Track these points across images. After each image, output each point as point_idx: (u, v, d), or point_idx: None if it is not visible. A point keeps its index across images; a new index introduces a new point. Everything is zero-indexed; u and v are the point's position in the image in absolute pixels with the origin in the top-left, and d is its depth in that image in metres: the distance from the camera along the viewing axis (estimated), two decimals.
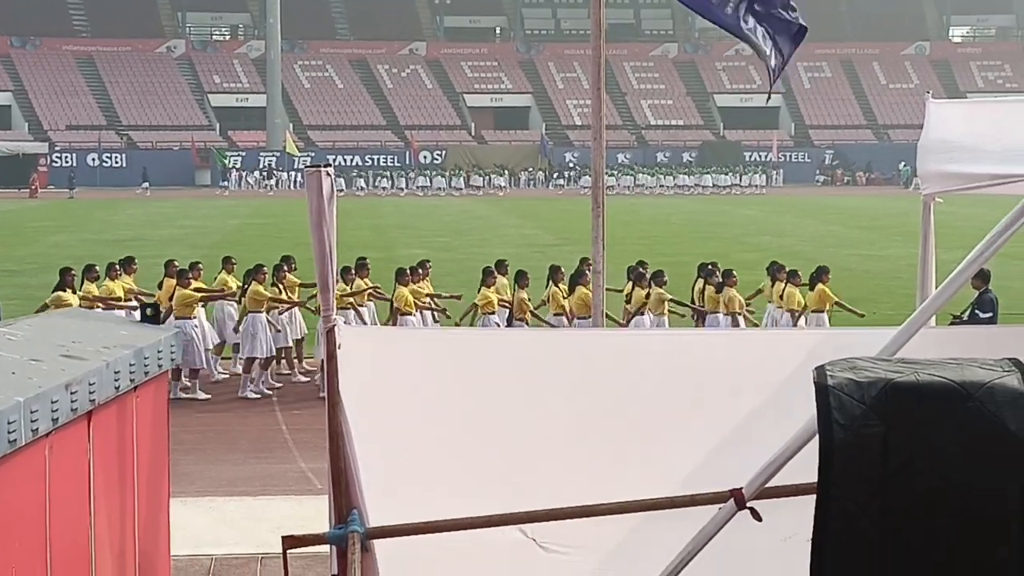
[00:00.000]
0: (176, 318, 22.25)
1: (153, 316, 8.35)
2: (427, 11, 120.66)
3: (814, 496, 4.86)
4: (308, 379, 23.37)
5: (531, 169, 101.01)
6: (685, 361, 7.09)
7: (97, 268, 23.56)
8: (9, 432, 4.84)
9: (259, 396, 22.52)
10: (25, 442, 5.02)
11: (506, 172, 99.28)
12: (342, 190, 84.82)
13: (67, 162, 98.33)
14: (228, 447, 19.02)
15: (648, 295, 23.04)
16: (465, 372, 6.76)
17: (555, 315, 23.24)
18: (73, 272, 22.57)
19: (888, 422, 4.75)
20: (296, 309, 23.87)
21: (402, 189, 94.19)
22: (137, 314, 17.80)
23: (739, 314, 23.15)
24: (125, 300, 22.96)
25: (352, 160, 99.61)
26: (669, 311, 23.34)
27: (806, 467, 5.06)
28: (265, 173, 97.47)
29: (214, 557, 13.50)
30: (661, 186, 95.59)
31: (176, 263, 24.32)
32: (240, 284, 23.82)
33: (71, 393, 5.62)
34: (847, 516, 4.79)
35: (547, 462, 6.55)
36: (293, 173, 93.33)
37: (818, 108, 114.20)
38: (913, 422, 4.77)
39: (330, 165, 5.93)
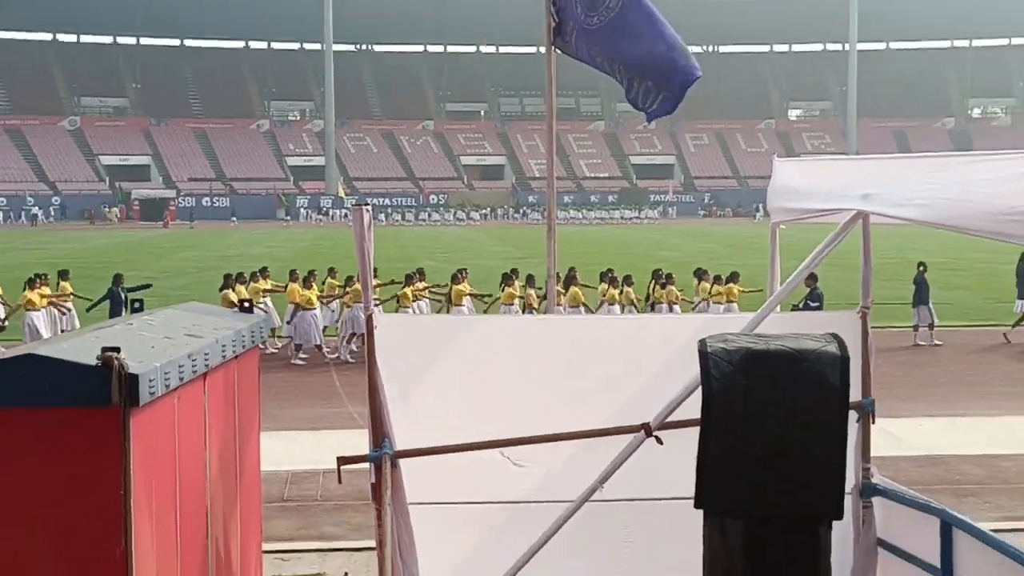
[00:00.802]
0: (296, 310, 22.76)
1: (248, 309, 8.32)
2: (433, 99, 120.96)
3: (699, 427, 4.87)
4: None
5: (505, 207, 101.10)
6: (615, 337, 7.10)
7: (245, 275, 23.89)
8: (150, 387, 4.81)
9: (352, 360, 22.14)
10: (161, 394, 5.00)
11: (488, 209, 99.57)
12: (380, 221, 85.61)
13: (188, 203, 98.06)
14: (302, 397, 18.96)
15: (621, 292, 23.28)
16: (463, 347, 6.77)
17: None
18: (230, 276, 23.11)
19: (748, 378, 4.75)
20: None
21: (422, 222, 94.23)
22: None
23: (675, 303, 23.41)
24: (262, 296, 23.40)
25: (384, 201, 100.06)
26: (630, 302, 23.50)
27: (693, 407, 5.07)
28: (324, 211, 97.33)
29: (290, 471, 13.47)
30: (595, 218, 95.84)
31: (297, 272, 24.22)
32: (341, 286, 23.87)
33: (192, 360, 5.59)
34: (721, 443, 4.79)
35: (519, 407, 6.55)
36: (343, 211, 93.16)
37: (700, 165, 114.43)
38: (766, 378, 4.77)
39: (369, 204, 5.93)
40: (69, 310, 23.33)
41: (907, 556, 6.58)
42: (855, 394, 6.51)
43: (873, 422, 6.86)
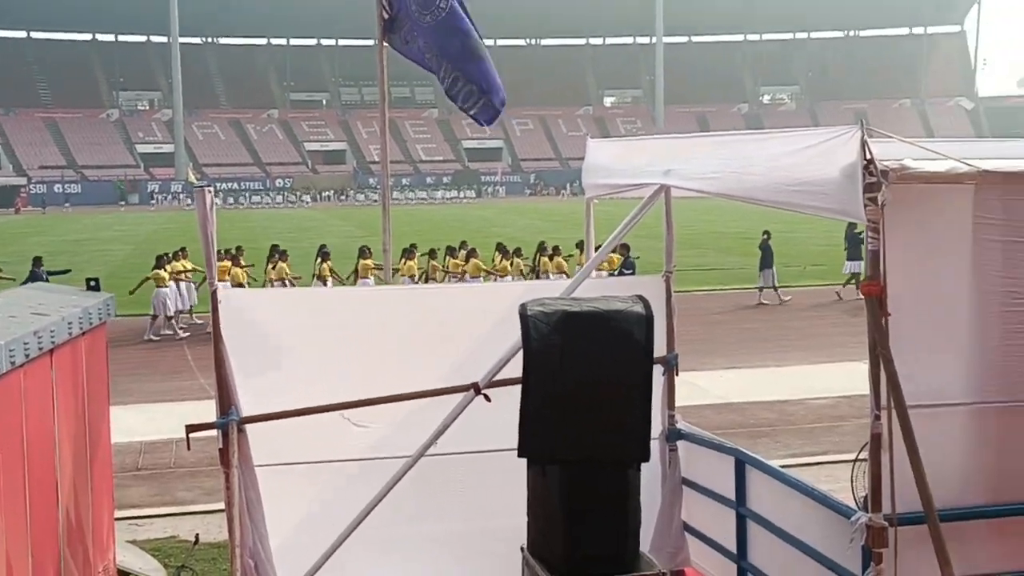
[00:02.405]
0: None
1: (94, 287, 7.96)
2: (278, 90, 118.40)
3: (521, 384, 4.92)
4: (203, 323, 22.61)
5: (348, 189, 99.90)
6: (446, 305, 7.08)
7: (168, 254, 23.54)
8: None
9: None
10: (6, 370, 4.75)
11: (332, 191, 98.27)
12: (221, 204, 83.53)
13: (40, 190, 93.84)
14: (155, 371, 18.36)
15: (512, 263, 23.32)
16: (306, 318, 6.64)
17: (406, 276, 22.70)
18: (162, 257, 22.94)
19: (564, 337, 4.82)
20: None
21: (277, 205, 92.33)
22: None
23: (563, 273, 23.02)
24: (187, 273, 23.10)
25: (232, 185, 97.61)
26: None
27: (518, 366, 5.11)
28: (173, 196, 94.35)
29: (144, 441, 13.06)
30: (430, 198, 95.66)
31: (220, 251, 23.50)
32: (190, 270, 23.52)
33: (38, 337, 5.34)
34: (540, 397, 4.85)
35: (359, 372, 6.47)
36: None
37: (526, 148, 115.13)
38: (579, 336, 4.85)
39: (211, 186, 5.74)
40: None
41: (708, 492, 6.81)
42: (661, 349, 6.72)
43: (677, 374, 7.05)
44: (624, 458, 4.93)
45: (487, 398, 5.89)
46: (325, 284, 22.15)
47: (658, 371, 6.73)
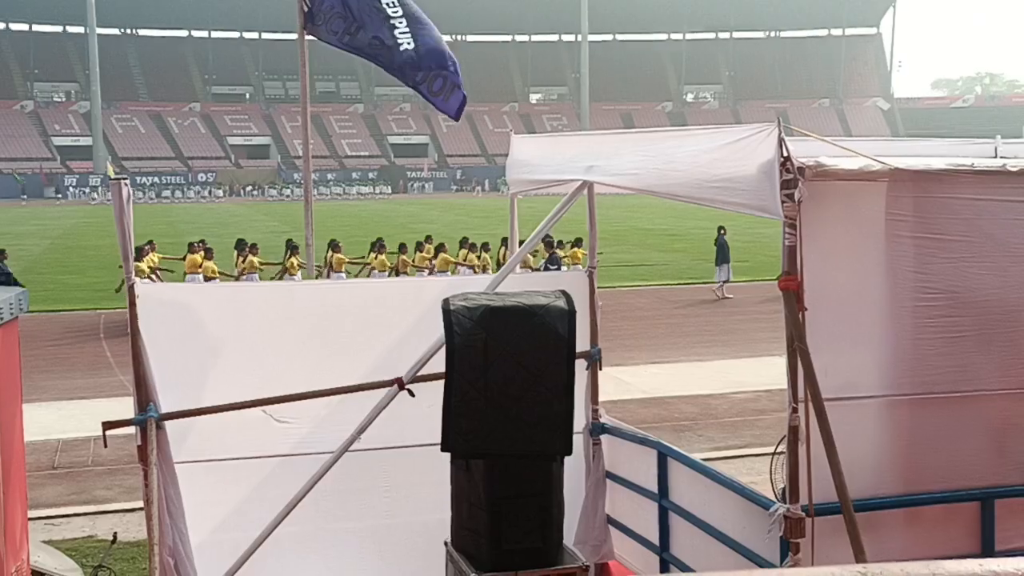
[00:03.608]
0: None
1: (6, 281, 7.74)
2: (200, 83, 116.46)
3: (444, 379, 4.92)
4: None
5: (272, 184, 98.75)
6: (370, 300, 7.05)
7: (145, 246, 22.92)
8: None
9: None
10: None
11: (254, 186, 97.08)
12: (141, 198, 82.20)
13: None
14: (72, 368, 17.96)
15: (479, 257, 23.41)
16: (226, 313, 6.56)
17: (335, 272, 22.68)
18: (141, 249, 21.75)
19: (487, 332, 4.83)
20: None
21: (188, 199, 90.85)
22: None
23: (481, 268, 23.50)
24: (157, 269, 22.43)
25: (153, 180, 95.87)
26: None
27: (442, 363, 5.10)
28: (91, 189, 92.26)
29: (60, 439, 12.78)
30: (356, 193, 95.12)
31: (197, 244, 23.10)
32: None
33: None
34: (464, 391, 4.85)
35: (282, 368, 6.42)
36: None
37: (452, 144, 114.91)
38: (503, 331, 4.86)
39: (126, 178, 5.64)
40: None
41: (631, 485, 6.88)
42: (584, 344, 6.77)
43: (600, 369, 7.11)
44: (547, 452, 4.95)
45: (411, 393, 5.88)
46: (293, 278, 21.98)
47: (581, 366, 6.78)
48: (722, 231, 26.64)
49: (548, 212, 6.33)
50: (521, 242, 7.83)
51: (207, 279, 21.45)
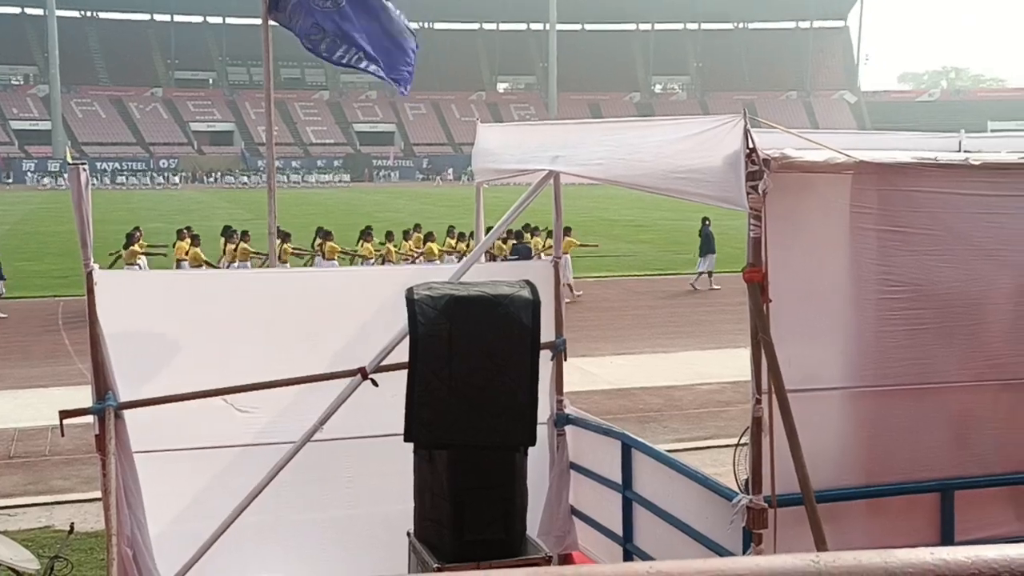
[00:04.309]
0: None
1: None
2: (162, 67, 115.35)
3: (408, 369, 4.91)
4: None
5: (235, 171, 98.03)
6: (333, 288, 7.03)
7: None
8: None
9: None
10: None
11: (219, 173, 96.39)
12: (101, 184, 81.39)
13: None
14: (28, 357, 17.75)
15: (468, 245, 23.18)
16: (187, 301, 6.52)
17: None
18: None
19: (451, 322, 4.83)
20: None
21: (150, 185, 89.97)
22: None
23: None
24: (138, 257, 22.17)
25: (114, 166, 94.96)
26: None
27: (406, 352, 5.09)
28: (51, 175, 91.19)
29: (17, 428, 12.64)
30: (316, 182, 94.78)
31: (185, 231, 23.20)
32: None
33: None
34: (427, 381, 4.85)
35: (244, 356, 6.39)
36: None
37: (419, 132, 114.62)
38: (467, 321, 4.86)
39: (84, 163, 5.57)
40: None
41: (595, 476, 6.90)
42: (549, 335, 6.78)
43: (565, 359, 7.12)
44: (511, 442, 4.96)
45: (374, 383, 5.86)
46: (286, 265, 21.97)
47: (546, 356, 6.79)
48: (707, 222, 26.54)
49: (514, 202, 6.33)
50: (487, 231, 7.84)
51: (192, 267, 21.32)
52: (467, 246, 23.46)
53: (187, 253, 21.74)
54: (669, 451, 6.81)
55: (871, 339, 5.25)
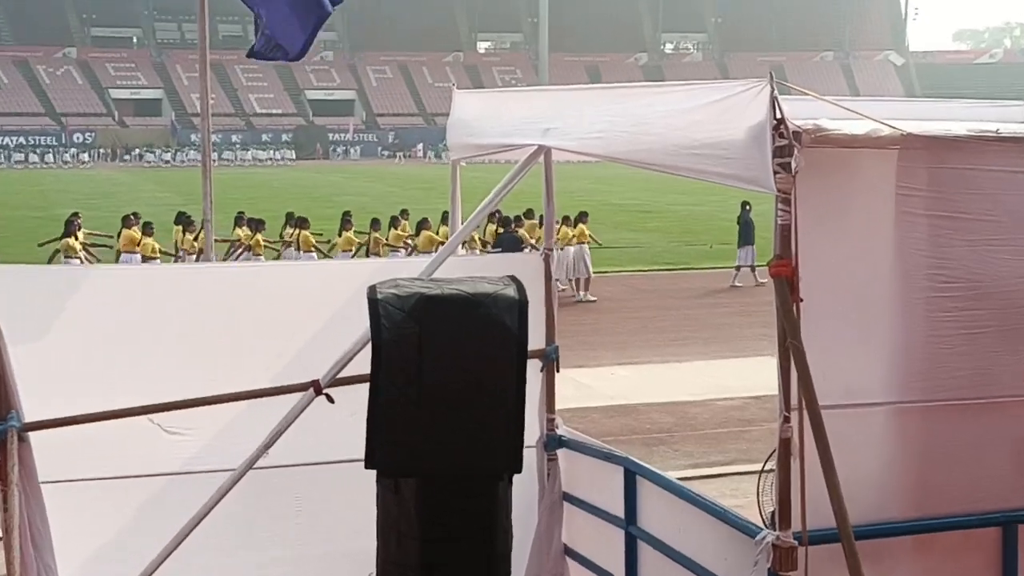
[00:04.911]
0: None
1: None
2: (77, 22, 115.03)
3: (370, 382, 4.89)
4: None
5: (165, 146, 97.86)
6: (282, 286, 7.03)
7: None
8: None
9: None
10: None
11: (144, 149, 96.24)
12: (2, 163, 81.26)
13: None
14: None
15: (419, 233, 23.62)
16: (105, 301, 6.50)
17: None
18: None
19: (421, 325, 4.81)
20: None
21: (63, 163, 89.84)
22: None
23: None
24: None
25: (18, 140, 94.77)
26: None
27: (367, 362, 5.08)
28: None
29: None
30: (267, 159, 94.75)
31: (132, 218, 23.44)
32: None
33: None
34: (393, 397, 4.83)
35: (173, 366, 6.38)
36: None
37: (383, 101, 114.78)
38: (440, 324, 4.84)
39: None
40: None
41: (593, 509, 6.90)
42: (539, 341, 6.77)
43: (558, 370, 7.13)
44: (493, 470, 4.94)
45: (329, 399, 5.85)
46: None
47: (535, 366, 6.79)
48: (747, 207, 26.37)
49: (497, 182, 6.32)
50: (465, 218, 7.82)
51: (145, 259, 21.26)
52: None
53: (138, 244, 21.63)
54: (681, 479, 6.83)
55: (921, 345, 5.26)
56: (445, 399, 4.80)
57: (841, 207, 5.09)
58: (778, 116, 4.60)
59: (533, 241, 22.52)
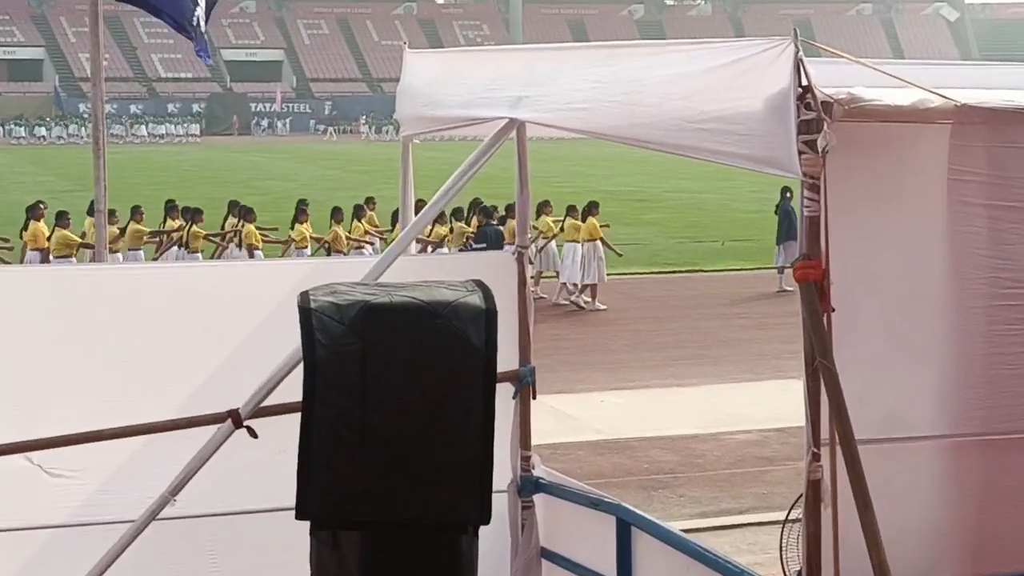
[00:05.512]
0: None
1: None
2: None
3: (301, 412, 4.89)
4: None
5: (46, 119, 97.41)
6: (194, 292, 7.01)
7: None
8: None
9: None
10: None
11: (24, 121, 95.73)
12: None
13: None
14: None
15: (451, 229, 23.68)
16: None
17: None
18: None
19: (365, 340, 4.81)
20: None
21: None
22: None
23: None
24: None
25: None
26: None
27: (299, 386, 5.08)
28: None
29: None
30: (174, 134, 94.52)
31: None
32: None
33: None
34: (330, 429, 4.83)
35: (56, 392, 6.36)
36: None
37: (318, 63, 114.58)
38: (388, 339, 4.84)
39: None
40: None
41: (578, 567, 6.92)
42: (511, 360, 6.78)
43: (534, 397, 7.13)
44: (453, 519, 4.94)
45: (252, 432, 5.85)
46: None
47: (506, 392, 6.80)
48: (787, 194, 26.10)
49: (459, 164, 6.33)
50: (419, 206, 7.83)
51: (59, 257, 21.18)
52: (450, 230, 23.45)
53: (49, 238, 21.60)
54: (686, 531, 6.84)
55: (979, 365, 5.29)
56: (394, 432, 4.80)
57: (881, 195, 5.12)
58: (804, 83, 4.62)
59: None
